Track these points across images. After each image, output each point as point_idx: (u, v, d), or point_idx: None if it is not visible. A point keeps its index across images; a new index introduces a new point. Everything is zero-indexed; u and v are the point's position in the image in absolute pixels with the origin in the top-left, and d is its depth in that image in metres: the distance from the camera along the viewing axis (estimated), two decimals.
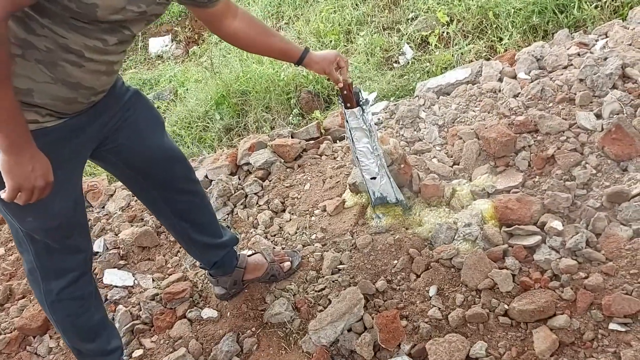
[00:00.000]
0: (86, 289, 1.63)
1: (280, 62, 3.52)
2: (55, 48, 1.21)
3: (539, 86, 2.35)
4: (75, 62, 1.25)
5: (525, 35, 2.98)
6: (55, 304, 1.59)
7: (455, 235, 1.96)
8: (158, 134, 1.64)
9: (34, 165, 1.23)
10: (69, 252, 1.54)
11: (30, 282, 1.61)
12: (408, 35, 3.37)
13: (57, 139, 1.34)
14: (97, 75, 1.32)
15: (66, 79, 1.27)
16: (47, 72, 1.24)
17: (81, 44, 1.23)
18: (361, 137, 1.95)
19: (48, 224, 1.45)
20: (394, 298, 1.89)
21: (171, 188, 1.73)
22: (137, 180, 1.69)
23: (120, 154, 1.57)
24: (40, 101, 1.27)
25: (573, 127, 2.15)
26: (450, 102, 2.61)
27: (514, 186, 2.04)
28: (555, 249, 1.80)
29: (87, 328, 1.66)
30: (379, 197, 2.11)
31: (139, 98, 1.58)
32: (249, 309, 2.06)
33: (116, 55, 1.34)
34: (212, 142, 3.30)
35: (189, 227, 1.84)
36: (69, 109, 1.34)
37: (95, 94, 1.37)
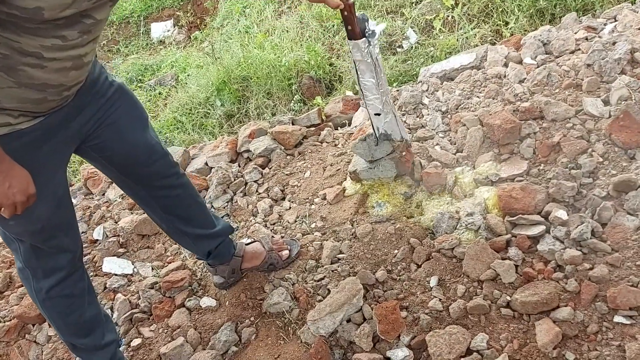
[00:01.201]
0: (76, 286, 1.61)
1: (282, 47, 3.47)
2: (11, 53, 1.13)
3: (545, 71, 2.29)
4: (36, 64, 1.17)
5: (531, 19, 2.91)
6: (46, 301, 1.58)
7: (458, 225, 1.92)
8: (140, 131, 1.59)
9: (10, 182, 1.21)
10: (56, 252, 1.52)
11: (22, 279, 1.61)
12: (412, 19, 3.30)
13: (33, 140, 1.30)
14: (63, 72, 1.24)
15: (30, 82, 1.20)
16: (9, 78, 1.17)
17: (37, 45, 1.14)
18: (365, 71, 1.80)
19: (30, 227, 1.43)
20: (394, 288, 1.85)
21: (155, 184, 1.69)
22: (121, 177, 1.66)
23: (102, 150, 1.53)
24: (8, 105, 1.23)
25: (580, 113, 2.09)
26: (454, 88, 2.55)
27: (518, 174, 1.99)
28: (559, 239, 1.76)
29: (80, 324, 1.64)
30: (383, 134, 2.00)
31: (123, 93, 1.53)
32: (247, 298, 2.04)
33: (82, 48, 1.23)
34: (213, 129, 3.27)
35: (177, 220, 1.80)
36: (41, 108, 1.29)
37: (66, 89, 1.30)
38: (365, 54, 1.75)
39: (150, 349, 2.01)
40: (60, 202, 1.45)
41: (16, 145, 1.24)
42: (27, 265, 1.53)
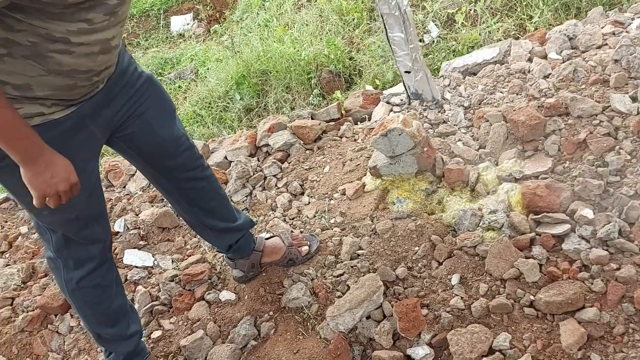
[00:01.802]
0: (106, 277, 1.63)
1: (302, 41, 3.45)
2: (39, 41, 1.13)
3: (571, 67, 2.25)
4: (64, 50, 1.17)
5: (557, 13, 2.85)
6: (75, 291, 1.59)
7: (480, 222, 1.89)
8: (168, 122, 1.60)
9: (52, 171, 1.22)
10: (87, 243, 1.54)
11: (52, 269, 1.62)
12: (433, 13, 3.26)
13: (67, 130, 1.30)
14: (91, 57, 1.23)
15: (59, 69, 1.20)
16: (38, 66, 1.18)
17: (63, 30, 1.13)
18: (394, 25, 1.72)
19: (64, 217, 1.44)
20: (415, 286, 1.84)
21: (180, 175, 1.70)
22: (148, 168, 1.67)
23: (131, 141, 1.54)
24: (41, 93, 1.23)
25: (607, 110, 2.04)
26: (477, 83, 2.51)
27: (543, 172, 1.95)
28: (585, 238, 1.72)
29: (107, 314, 1.66)
30: (414, 93, 1.93)
31: (152, 84, 1.54)
32: (266, 292, 2.04)
33: (109, 31, 1.22)
34: (232, 123, 3.27)
35: (201, 212, 1.81)
36: (72, 94, 1.30)
37: (96, 74, 1.30)
38: (393, 6, 1.66)
39: (170, 341, 2.03)
40: (92, 192, 1.46)
41: (50, 135, 1.24)
42: (59, 255, 1.55)
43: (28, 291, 2.47)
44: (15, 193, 1.40)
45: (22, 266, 2.58)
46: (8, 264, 2.68)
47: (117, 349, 1.73)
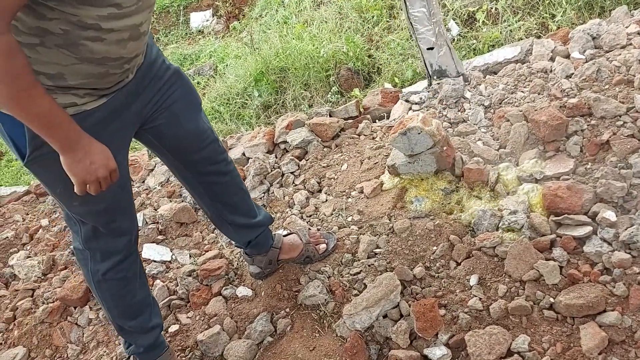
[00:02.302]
0: (131, 269, 1.65)
1: (320, 38, 3.45)
2: (71, 28, 1.15)
3: (595, 67, 2.21)
4: (95, 37, 1.19)
5: (580, 12, 2.81)
6: (101, 283, 1.62)
7: (500, 223, 1.87)
8: (195, 115, 1.62)
9: (92, 158, 1.24)
10: (115, 235, 1.56)
11: (79, 260, 1.64)
12: (454, 11, 3.23)
13: (98, 122, 1.32)
14: (122, 43, 1.25)
15: (91, 56, 1.22)
16: (71, 54, 1.19)
17: (94, 16, 1.15)
18: (415, 1, 1.71)
19: (94, 208, 1.46)
20: (432, 286, 1.83)
21: (204, 169, 1.71)
22: (173, 161, 1.68)
23: (158, 133, 1.56)
24: (74, 82, 1.25)
25: (631, 111, 2.01)
26: (498, 82, 2.49)
27: (564, 173, 1.93)
28: (607, 241, 1.70)
29: (130, 306, 1.68)
30: (437, 70, 1.88)
31: (180, 77, 1.56)
32: (283, 289, 2.04)
33: (138, 16, 1.23)
34: (250, 119, 3.28)
35: (222, 206, 1.83)
36: (104, 82, 1.31)
37: (126, 61, 1.31)
38: None
39: (187, 336, 2.04)
40: (121, 183, 1.47)
41: (83, 126, 1.26)
42: (87, 246, 1.57)
43: (48, 283, 2.51)
44: (48, 184, 1.43)
45: (43, 258, 2.62)
46: (29, 255, 2.73)
47: (137, 341, 1.76)
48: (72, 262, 2.56)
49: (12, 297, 2.52)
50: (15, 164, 4.15)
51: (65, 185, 1.35)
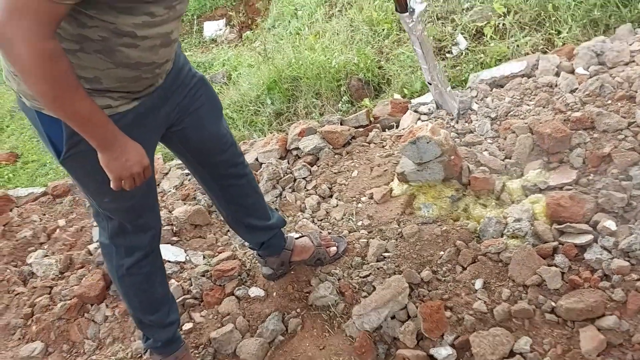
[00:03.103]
0: (153, 265, 1.73)
1: (332, 49, 3.55)
2: (108, 35, 1.24)
3: (598, 82, 2.30)
4: (131, 43, 1.28)
5: (585, 29, 2.89)
6: (124, 277, 1.69)
7: (505, 230, 1.95)
8: (217, 120, 1.72)
9: (127, 155, 1.32)
10: (140, 231, 1.64)
11: (104, 255, 1.73)
12: (462, 26, 3.32)
13: (130, 123, 1.41)
14: (154, 49, 1.34)
15: (126, 62, 1.31)
16: (108, 60, 1.28)
17: (130, 24, 1.24)
18: (414, 41, 1.85)
19: (122, 204, 1.54)
20: (439, 289, 1.90)
21: (224, 171, 1.80)
22: (194, 163, 1.77)
23: (182, 136, 1.65)
24: (108, 85, 1.34)
25: (632, 125, 2.09)
26: (504, 95, 2.57)
27: (567, 183, 2.01)
28: (607, 249, 1.77)
29: (150, 301, 1.76)
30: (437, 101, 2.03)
31: (204, 84, 1.65)
32: (294, 290, 2.12)
33: (169, 25, 1.33)
34: (262, 126, 3.37)
35: (238, 208, 1.91)
36: (137, 86, 1.40)
37: (157, 66, 1.41)
38: (409, 28, 1.78)
39: (200, 334, 2.12)
40: (149, 183, 1.55)
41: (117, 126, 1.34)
42: (113, 242, 1.65)
43: (65, 281, 2.59)
44: (80, 180, 1.51)
45: (60, 257, 2.70)
46: (46, 254, 2.81)
47: (155, 335, 1.83)
48: (89, 261, 2.64)
49: (30, 294, 2.60)
50: (31, 165, 4.25)
51: (97, 182, 1.45)
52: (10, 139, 4.83)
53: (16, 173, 4.24)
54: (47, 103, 1.20)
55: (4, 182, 4.12)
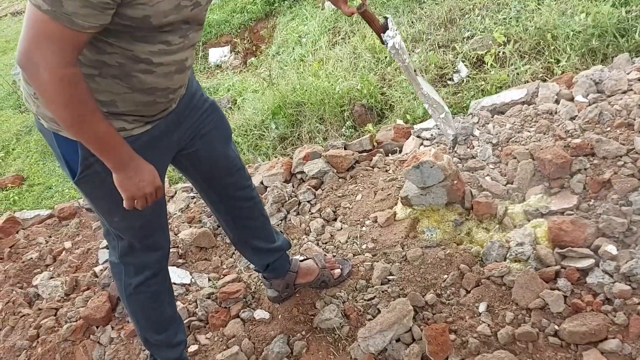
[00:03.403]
0: (161, 284, 1.76)
1: (336, 75, 3.63)
2: (126, 61, 1.30)
3: (597, 110, 2.35)
4: (147, 69, 1.33)
5: (583, 58, 2.97)
6: (132, 296, 1.72)
7: (507, 254, 1.98)
8: (226, 144, 1.77)
9: (141, 176, 1.38)
10: (149, 250, 1.68)
11: (113, 274, 1.76)
12: (463, 54, 3.41)
13: (143, 145, 1.45)
14: (169, 76, 1.40)
15: (142, 87, 1.36)
16: (124, 84, 1.34)
17: (147, 51, 1.30)
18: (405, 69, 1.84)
19: (133, 224, 1.58)
20: (443, 312, 1.92)
21: (232, 194, 1.85)
22: (203, 186, 1.81)
23: (192, 159, 1.69)
24: (124, 109, 1.39)
25: (631, 152, 2.14)
26: (505, 122, 2.63)
27: (568, 208, 2.05)
28: (608, 273, 1.80)
29: (158, 321, 1.79)
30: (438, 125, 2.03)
31: (215, 109, 1.71)
32: (299, 313, 2.14)
33: (183, 52, 1.38)
34: (267, 150, 3.42)
35: (246, 231, 1.95)
36: (151, 110, 1.45)
37: (172, 92, 1.46)
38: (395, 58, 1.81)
39: (206, 356, 2.13)
40: (159, 203, 1.60)
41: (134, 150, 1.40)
42: (122, 260, 1.69)
43: (71, 303, 2.60)
44: (93, 200, 1.55)
45: (66, 279, 2.72)
46: (52, 276, 2.83)
47: (162, 355, 1.85)
48: (95, 283, 2.67)
49: (35, 315, 2.61)
50: (37, 188, 4.30)
51: (109, 202, 1.50)
52: (16, 162, 4.89)
53: (22, 196, 4.28)
54: (67, 126, 1.25)
55: (9, 204, 4.16)
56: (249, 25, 5.39)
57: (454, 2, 3.90)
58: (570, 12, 3.18)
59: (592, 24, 2.97)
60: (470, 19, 3.67)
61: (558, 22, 3.13)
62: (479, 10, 3.70)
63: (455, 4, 3.88)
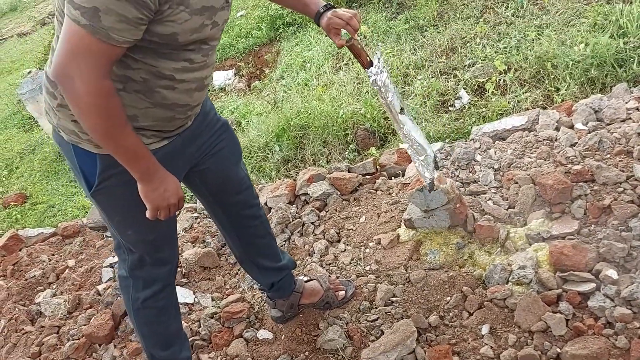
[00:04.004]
0: (168, 300, 1.78)
1: (339, 99, 3.69)
2: (150, 77, 1.36)
3: (597, 137, 2.40)
4: (169, 85, 1.39)
5: (582, 87, 3.04)
6: (140, 310, 1.74)
7: (510, 277, 2.01)
8: (237, 163, 1.82)
9: (165, 187, 1.42)
10: (159, 264, 1.71)
11: (121, 288, 1.78)
12: (465, 81, 3.48)
13: (160, 160, 1.49)
14: (189, 92, 1.46)
15: (163, 102, 1.42)
16: (147, 99, 1.40)
17: (170, 68, 1.36)
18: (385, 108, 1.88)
19: (145, 237, 1.62)
20: (446, 334, 1.94)
21: (240, 212, 1.88)
22: (212, 203, 1.85)
23: (203, 176, 1.74)
24: (144, 124, 1.44)
25: (630, 179, 2.18)
26: (506, 147, 2.68)
27: (570, 233, 2.08)
28: (609, 297, 1.83)
29: (164, 336, 1.80)
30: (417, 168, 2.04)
31: (227, 128, 1.76)
32: (302, 333, 2.15)
33: (204, 71, 1.46)
34: (270, 172, 3.46)
35: (252, 249, 1.98)
36: (170, 125, 1.51)
37: (190, 108, 1.52)
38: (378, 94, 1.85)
39: None
40: (172, 217, 1.64)
41: None
42: (131, 274, 1.71)
43: (73, 321, 2.61)
44: (107, 213, 1.59)
45: (69, 297, 2.74)
46: (55, 294, 2.84)
47: None
48: (98, 301, 2.68)
49: (37, 333, 2.62)
50: (40, 207, 4.32)
51: (123, 215, 1.54)
52: (19, 180, 4.92)
53: (24, 214, 4.30)
54: (99, 136, 1.30)
55: (12, 222, 4.18)
56: (253, 49, 5.48)
57: (455, 31, 3.99)
58: (569, 42, 3.26)
59: (591, 54, 3.04)
60: (471, 48, 3.75)
61: (557, 52, 3.21)
62: (480, 39, 3.78)
63: (456, 33, 3.97)
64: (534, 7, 3.85)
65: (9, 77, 8.18)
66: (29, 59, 8.59)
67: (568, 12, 3.60)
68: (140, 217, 1.46)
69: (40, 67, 7.54)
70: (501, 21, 3.89)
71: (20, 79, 7.48)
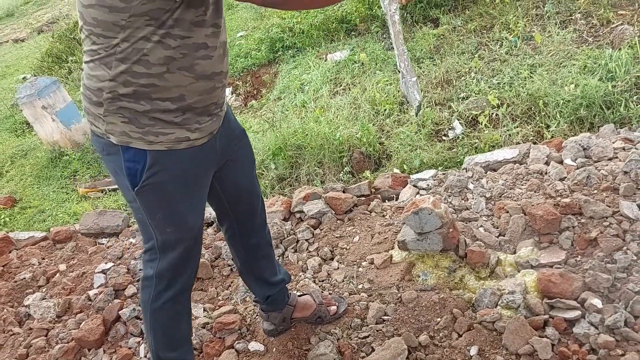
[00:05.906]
0: (185, 303, 1.82)
1: (336, 122, 3.79)
2: (188, 51, 1.43)
3: (585, 173, 2.51)
4: (205, 55, 1.47)
5: (572, 125, 3.17)
6: (157, 311, 1.76)
7: (499, 301, 2.08)
8: (252, 171, 1.90)
9: None
10: (184, 266, 1.73)
11: (143, 287, 1.77)
12: (459, 113, 3.60)
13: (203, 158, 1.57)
14: (221, 58, 1.53)
15: (204, 73, 1.48)
16: (189, 75, 1.46)
17: (202, 35, 1.44)
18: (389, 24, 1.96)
19: (183, 235, 1.65)
20: (436, 353, 1.99)
21: (249, 220, 1.95)
22: (224, 209, 1.90)
23: (221, 180, 1.80)
24: (191, 100, 1.49)
25: (616, 214, 2.28)
26: (498, 178, 2.78)
27: (557, 262, 2.16)
28: (594, 324, 1.90)
29: (174, 339, 1.83)
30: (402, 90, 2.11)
31: (245, 136, 1.84)
32: (294, 347, 2.19)
33: (224, 34, 1.54)
34: (265, 189, 3.52)
35: (254, 261, 2.03)
36: (212, 97, 1.55)
37: (224, 76, 1.58)
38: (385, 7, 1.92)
39: None
40: (203, 219, 1.70)
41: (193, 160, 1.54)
42: (158, 274, 1.71)
43: (62, 324, 2.61)
44: (149, 210, 1.59)
45: (59, 301, 2.74)
46: (45, 297, 2.84)
47: None
48: (88, 306, 2.68)
49: (25, 335, 2.61)
50: (29, 211, 4.31)
51: (165, 212, 1.59)
52: (9, 184, 4.90)
53: (13, 217, 4.28)
54: None
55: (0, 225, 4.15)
56: (252, 69, 5.59)
57: (451, 65, 4.13)
58: (560, 82, 3.41)
59: (580, 94, 3.18)
60: (466, 81, 3.89)
61: (549, 91, 3.35)
62: (474, 74, 3.93)
63: (452, 67, 4.11)
64: (527, 47, 4.02)
65: (3, 81, 8.18)
66: (24, 65, 8.61)
67: (560, 53, 3.77)
68: (182, 212, 1.53)
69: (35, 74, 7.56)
70: (495, 58, 4.04)
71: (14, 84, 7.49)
